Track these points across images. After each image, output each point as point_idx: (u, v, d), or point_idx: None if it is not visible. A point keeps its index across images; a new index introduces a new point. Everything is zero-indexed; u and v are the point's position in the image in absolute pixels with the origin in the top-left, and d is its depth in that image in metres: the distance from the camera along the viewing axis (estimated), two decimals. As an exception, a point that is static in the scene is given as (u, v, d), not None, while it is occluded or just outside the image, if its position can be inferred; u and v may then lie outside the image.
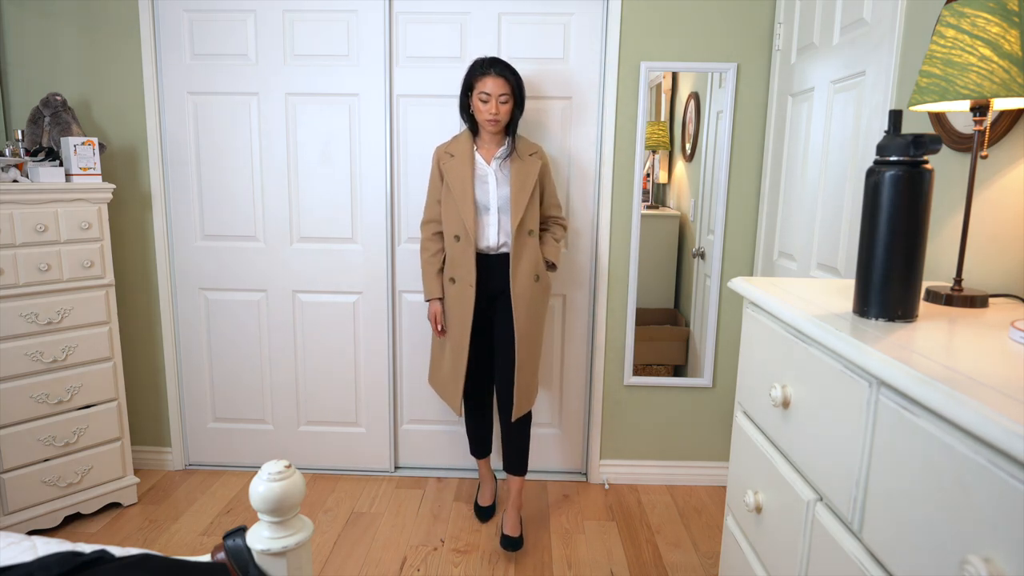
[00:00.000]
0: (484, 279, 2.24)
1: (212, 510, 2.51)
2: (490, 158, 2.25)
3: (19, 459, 2.20)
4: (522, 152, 2.25)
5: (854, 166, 1.83)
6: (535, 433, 2.71)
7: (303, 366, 2.75)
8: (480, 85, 2.16)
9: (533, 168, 2.24)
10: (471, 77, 2.20)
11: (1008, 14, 1.03)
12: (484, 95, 2.16)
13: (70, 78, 2.56)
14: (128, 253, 2.67)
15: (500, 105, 2.16)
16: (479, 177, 2.23)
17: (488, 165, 2.24)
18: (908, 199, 0.95)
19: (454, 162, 2.23)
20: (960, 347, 0.87)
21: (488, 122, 2.17)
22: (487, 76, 2.15)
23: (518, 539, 2.29)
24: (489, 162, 2.24)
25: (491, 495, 2.53)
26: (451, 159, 2.24)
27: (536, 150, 2.29)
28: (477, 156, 2.25)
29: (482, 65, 2.18)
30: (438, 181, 2.28)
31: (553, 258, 2.31)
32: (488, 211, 2.23)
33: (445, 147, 2.29)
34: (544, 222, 2.36)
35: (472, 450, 2.53)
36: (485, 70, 2.16)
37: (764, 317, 1.25)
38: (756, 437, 1.28)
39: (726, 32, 2.46)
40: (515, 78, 2.18)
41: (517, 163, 2.23)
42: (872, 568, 0.85)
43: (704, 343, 2.69)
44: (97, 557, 1.04)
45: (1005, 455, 0.63)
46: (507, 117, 2.20)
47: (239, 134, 2.59)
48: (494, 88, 2.14)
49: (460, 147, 2.25)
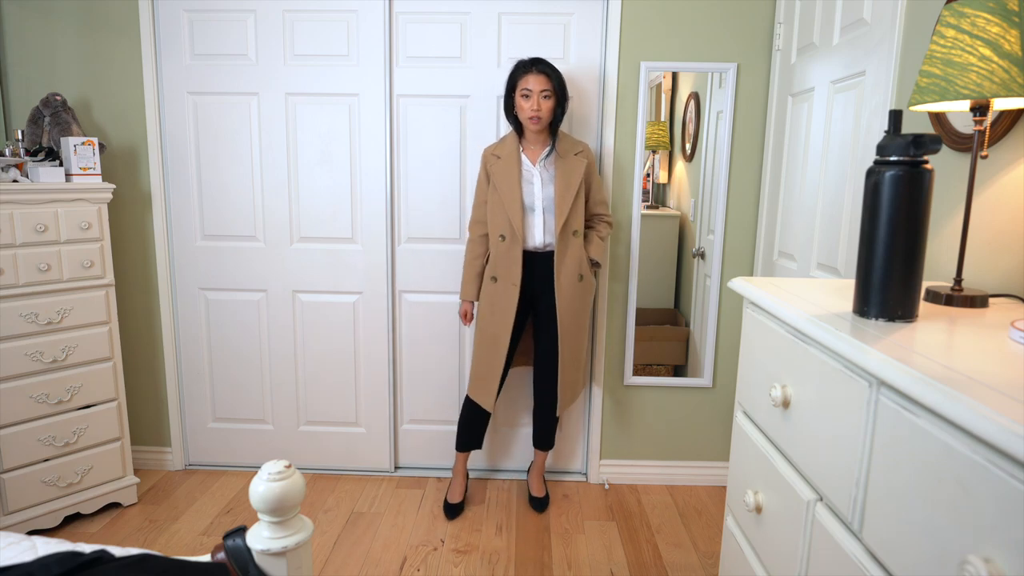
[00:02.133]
0: (528, 278, 2.31)
1: (212, 510, 2.51)
2: (535, 159, 2.29)
3: (19, 459, 2.20)
4: (566, 151, 2.29)
5: (854, 166, 1.83)
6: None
7: (303, 366, 2.75)
8: (522, 83, 2.22)
9: (578, 167, 2.28)
10: (514, 77, 2.25)
11: (1008, 14, 1.03)
12: (526, 91, 2.21)
13: (70, 78, 2.56)
14: (128, 253, 2.67)
15: (542, 101, 2.20)
16: (524, 178, 2.28)
17: (534, 166, 2.29)
18: (908, 199, 0.95)
19: (501, 163, 2.28)
20: (960, 347, 0.87)
21: (530, 119, 2.22)
22: (528, 74, 2.21)
23: (544, 498, 2.55)
24: (535, 163, 2.29)
25: (461, 492, 2.54)
26: (498, 160, 2.29)
27: (582, 148, 2.32)
28: (523, 157, 2.30)
29: (524, 65, 2.24)
30: (485, 183, 2.34)
31: (598, 257, 2.35)
32: (534, 211, 2.28)
33: (492, 149, 2.34)
34: (589, 220, 2.40)
35: (459, 444, 2.51)
36: (527, 68, 2.22)
37: (764, 317, 1.25)
38: (756, 437, 1.28)
39: (726, 32, 2.46)
40: (556, 75, 2.23)
41: (561, 163, 2.27)
42: (872, 568, 0.85)
43: (704, 343, 2.69)
44: (97, 557, 1.04)
45: (1005, 455, 0.63)
46: (549, 115, 2.24)
47: (239, 134, 2.59)
48: (535, 84, 2.19)
49: (506, 148, 2.30)
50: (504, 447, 2.79)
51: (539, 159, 2.28)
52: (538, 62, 2.22)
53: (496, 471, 2.81)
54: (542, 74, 2.20)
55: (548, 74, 2.21)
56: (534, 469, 2.61)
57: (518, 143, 2.30)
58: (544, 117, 2.22)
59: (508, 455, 2.79)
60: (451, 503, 2.50)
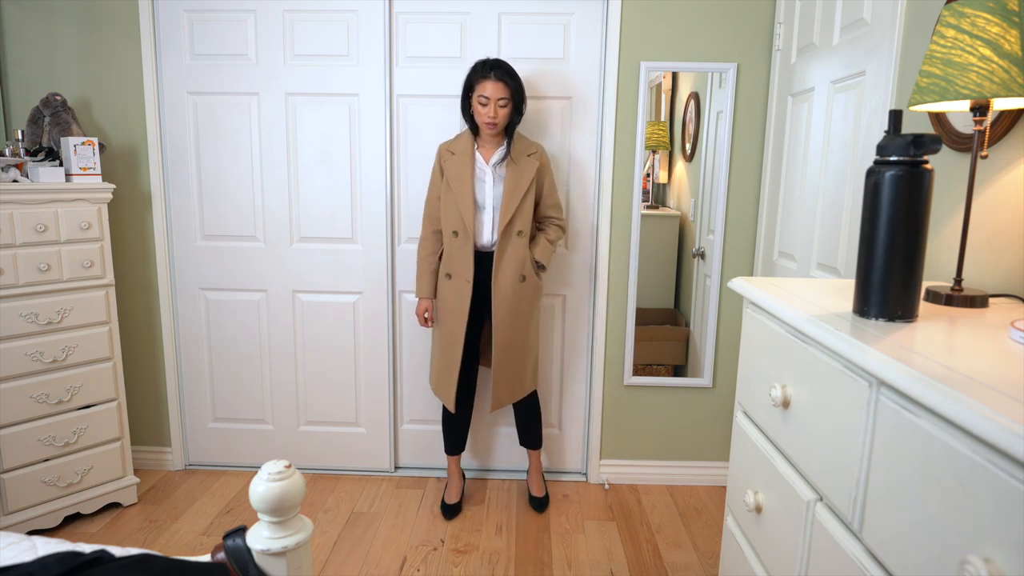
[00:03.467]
0: (482, 276, 2.31)
1: (212, 510, 2.51)
2: (489, 157, 2.30)
3: (19, 459, 2.20)
4: (519, 153, 2.29)
5: (854, 166, 1.83)
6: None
7: (303, 366, 2.75)
8: (480, 88, 2.19)
9: (529, 169, 2.28)
10: (472, 79, 2.22)
11: (1008, 14, 1.03)
12: (483, 98, 2.19)
13: (70, 78, 2.56)
14: (128, 253, 2.67)
15: (499, 109, 2.19)
16: (477, 176, 2.29)
17: (487, 164, 2.29)
18: (908, 199, 0.95)
19: (455, 160, 2.28)
20: (960, 347, 0.87)
21: (486, 124, 2.22)
22: (487, 80, 2.18)
23: (544, 498, 2.55)
24: (488, 161, 2.29)
25: (458, 493, 2.55)
26: (452, 157, 2.29)
27: (535, 150, 2.32)
28: (477, 155, 2.30)
29: (483, 68, 2.20)
30: (439, 178, 2.33)
31: (542, 259, 2.35)
32: (484, 209, 2.28)
33: (448, 145, 2.34)
34: (541, 222, 2.39)
35: (446, 447, 2.55)
36: (485, 73, 2.18)
37: (764, 317, 1.25)
38: (756, 437, 1.28)
39: (726, 32, 2.46)
40: (515, 83, 2.21)
41: (513, 164, 2.27)
42: (872, 568, 0.85)
43: (704, 343, 2.69)
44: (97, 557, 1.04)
45: (1005, 455, 0.63)
46: (505, 121, 2.24)
47: (239, 134, 2.59)
48: (493, 92, 2.17)
49: (461, 146, 2.30)
50: (503, 447, 2.79)
51: (492, 159, 2.29)
52: (497, 67, 2.18)
53: (496, 471, 2.81)
54: (500, 81, 2.16)
55: (506, 82, 2.17)
56: (532, 469, 2.62)
57: (473, 141, 2.30)
58: (500, 123, 2.22)
59: (508, 455, 2.79)
60: (448, 504, 2.50)
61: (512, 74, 2.20)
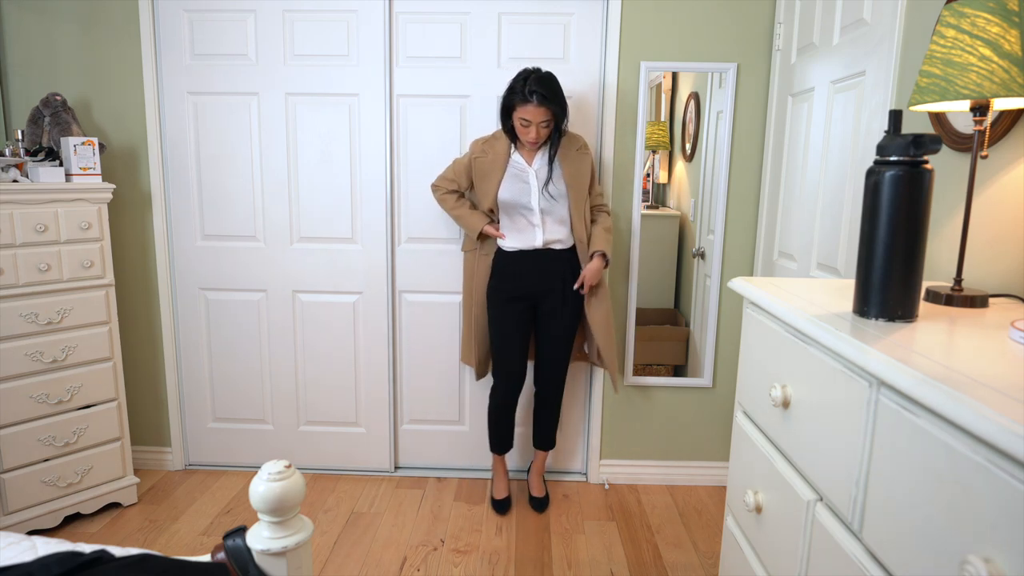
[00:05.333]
0: (529, 277, 2.33)
1: (212, 510, 2.51)
2: (531, 159, 2.28)
3: (19, 459, 2.20)
4: (569, 147, 2.27)
5: (854, 166, 1.83)
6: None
7: (303, 366, 2.75)
8: (521, 111, 2.12)
9: (584, 166, 2.28)
10: (511, 100, 2.14)
11: (1008, 14, 1.03)
12: (524, 121, 2.14)
13: (70, 78, 2.56)
14: (128, 253, 2.67)
15: (541, 130, 2.16)
16: (518, 176, 2.26)
17: (529, 166, 2.27)
18: (908, 199, 0.95)
19: (486, 162, 2.28)
20: (960, 347, 0.87)
21: (529, 143, 2.21)
22: (528, 104, 2.09)
23: (544, 498, 2.55)
24: (531, 163, 2.27)
25: (506, 488, 2.57)
26: (485, 158, 2.29)
27: (582, 143, 2.31)
28: (517, 156, 2.28)
29: (523, 91, 2.09)
30: (464, 168, 2.34)
31: (607, 248, 2.32)
32: (532, 211, 2.27)
33: (483, 143, 2.32)
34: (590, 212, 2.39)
35: (493, 446, 2.56)
36: (527, 97, 2.09)
37: (764, 317, 1.25)
38: (756, 437, 1.28)
39: (726, 32, 2.46)
40: (557, 101, 2.12)
41: (568, 162, 2.25)
42: (872, 568, 0.85)
43: (704, 343, 2.69)
44: (97, 557, 1.04)
45: (1005, 455, 0.63)
46: (548, 136, 2.22)
47: (239, 134, 2.59)
48: (535, 116, 2.12)
49: (497, 148, 2.28)
50: (504, 447, 2.78)
51: (535, 159, 2.27)
52: (539, 88, 2.07)
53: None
54: (542, 106, 2.09)
55: (548, 106, 2.09)
56: (534, 469, 2.62)
57: (510, 144, 2.29)
58: (543, 140, 2.22)
59: (508, 455, 2.79)
60: (497, 499, 2.53)
61: (554, 94, 2.10)
